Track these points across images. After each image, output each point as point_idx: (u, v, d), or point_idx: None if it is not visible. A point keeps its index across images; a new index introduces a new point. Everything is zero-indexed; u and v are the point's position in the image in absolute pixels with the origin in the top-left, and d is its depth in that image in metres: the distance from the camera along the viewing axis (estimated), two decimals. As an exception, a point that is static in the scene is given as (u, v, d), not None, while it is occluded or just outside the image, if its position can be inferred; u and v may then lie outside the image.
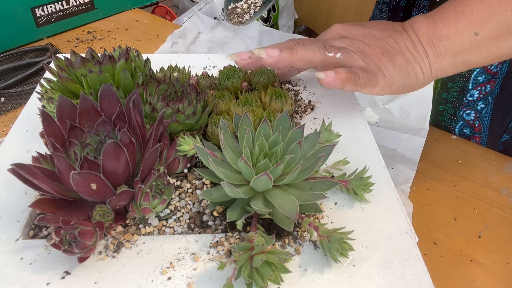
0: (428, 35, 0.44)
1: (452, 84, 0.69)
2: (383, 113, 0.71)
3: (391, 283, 0.34)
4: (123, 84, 0.45)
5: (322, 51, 0.43)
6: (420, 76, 0.45)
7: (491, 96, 0.66)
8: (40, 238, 0.37)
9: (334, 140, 0.45)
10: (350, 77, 0.41)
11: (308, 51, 0.43)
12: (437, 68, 0.45)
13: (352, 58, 0.44)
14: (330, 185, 0.38)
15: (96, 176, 0.33)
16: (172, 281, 0.33)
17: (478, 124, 0.68)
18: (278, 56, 0.42)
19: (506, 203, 0.56)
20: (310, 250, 0.36)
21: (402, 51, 0.45)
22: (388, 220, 0.39)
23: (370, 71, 0.43)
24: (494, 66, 0.64)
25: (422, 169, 0.61)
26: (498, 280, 0.47)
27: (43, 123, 0.36)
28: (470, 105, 0.68)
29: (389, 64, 0.44)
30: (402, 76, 0.44)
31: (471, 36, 0.43)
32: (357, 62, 0.44)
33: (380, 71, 0.44)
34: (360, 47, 0.45)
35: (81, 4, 0.95)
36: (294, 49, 0.43)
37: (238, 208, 0.37)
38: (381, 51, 0.44)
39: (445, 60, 0.44)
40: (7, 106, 0.71)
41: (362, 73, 0.42)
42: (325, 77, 0.41)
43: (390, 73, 0.44)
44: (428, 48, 0.44)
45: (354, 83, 0.41)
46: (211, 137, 0.45)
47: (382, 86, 0.44)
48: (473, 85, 0.66)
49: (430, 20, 0.45)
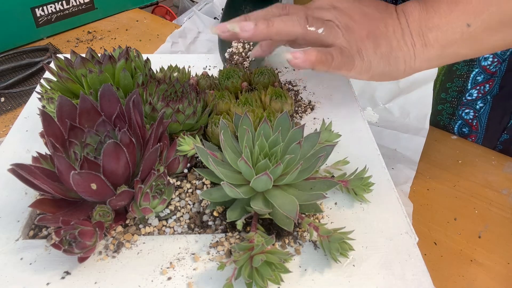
0: (418, 22, 0.42)
1: (450, 84, 0.69)
2: (383, 113, 0.71)
3: (391, 283, 0.34)
4: (123, 84, 0.45)
5: (303, 24, 0.40)
6: (401, 66, 0.43)
7: (490, 95, 0.66)
8: (40, 238, 0.37)
9: (334, 140, 0.45)
10: (321, 59, 0.39)
11: (286, 23, 0.40)
12: (423, 58, 0.43)
13: (335, 34, 0.41)
14: (330, 185, 0.38)
15: (96, 176, 0.33)
16: (172, 281, 0.33)
17: (475, 123, 0.68)
18: (253, 30, 0.39)
19: (506, 203, 0.56)
20: (310, 250, 0.36)
21: (389, 37, 0.42)
22: (388, 220, 0.39)
23: (347, 53, 0.41)
24: (493, 65, 0.64)
25: (422, 169, 0.61)
26: (498, 280, 0.47)
27: (43, 123, 0.36)
28: (469, 104, 0.68)
29: (372, 48, 0.42)
30: (382, 63, 0.42)
31: (463, 27, 0.41)
32: (338, 40, 0.41)
33: (359, 54, 0.41)
34: (347, 23, 0.42)
35: (81, 4, 0.95)
36: (271, 21, 0.40)
37: (238, 208, 0.37)
38: (367, 33, 0.42)
39: (432, 51, 0.42)
40: (7, 106, 0.71)
41: (337, 54, 0.40)
42: (292, 58, 0.38)
43: (370, 58, 0.42)
44: (417, 37, 0.42)
45: (326, 65, 0.39)
46: (211, 137, 0.45)
47: (358, 70, 0.42)
48: (472, 85, 0.66)
49: (422, 6, 0.43)
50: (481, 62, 0.64)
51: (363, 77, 0.43)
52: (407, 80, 0.71)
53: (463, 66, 0.66)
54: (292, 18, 0.40)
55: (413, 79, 0.71)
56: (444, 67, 0.69)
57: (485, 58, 0.64)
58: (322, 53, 0.39)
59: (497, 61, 0.63)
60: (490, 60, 0.64)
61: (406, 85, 0.71)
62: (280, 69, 0.61)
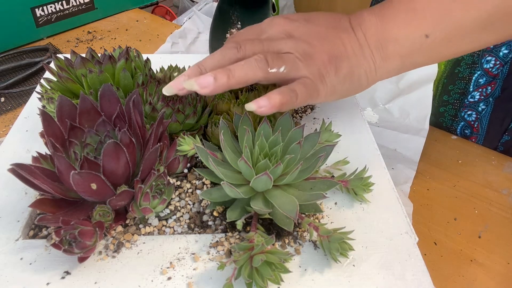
0: (376, 35, 0.41)
1: (452, 87, 0.69)
2: (383, 114, 0.71)
3: (391, 283, 0.34)
4: (123, 84, 0.45)
5: (264, 68, 0.38)
6: (363, 82, 0.42)
7: (492, 97, 0.66)
8: (40, 238, 0.37)
9: (334, 140, 0.45)
10: (286, 100, 0.37)
11: (247, 71, 0.38)
12: (383, 71, 0.43)
13: (297, 68, 0.40)
14: (330, 185, 0.38)
15: (96, 176, 0.33)
16: (172, 281, 0.33)
17: (477, 125, 0.68)
18: (213, 85, 0.37)
19: (506, 203, 0.56)
20: (310, 250, 0.36)
21: (348, 56, 0.41)
22: (388, 220, 0.39)
23: (310, 84, 0.39)
24: (495, 68, 0.64)
25: (422, 169, 0.61)
26: (498, 280, 0.47)
27: (43, 123, 0.36)
28: (472, 106, 0.68)
29: (333, 72, 0.41)
30: (346, 84, 0.42)
31: (422, 38, 0.40)
32: (300, 72, 0.40)
33: (322, 80, 0.40)
34: (306, 50, 0.40)
35: (81, 4, 0.95)
36: (231, 72, 0.38)
37: (238, 208, 0.37)
38: (328, 57, 0.40)
39: (393, 63, 0.42)
40: (7, 106, 0.71)
41: (301, 89, 0.39)
42: (257, 108, 0.37)
43: (333, 82, 0.41)
44: (376, 52, 0.41)
45: (291, 104, 0.38)
46: (211, 137, 0.45)
47: (323, 96, 0.41)
48: (474, 87, 0.66)
49: (379, 18, 0.41)
50: (483, 65, 0.64)
51: (329, 100, 0.42)
52: (407, 81, 0.72)
53: (465, 69, 0.66)
54: (251, 64, 0.38)
55: (413, 80, 0.71)
56: (446, 70, 0.69)
57: (487, 60, 0.64)
58: (285, 94, 0.38)
59: (499, 64, 0.63)
60: (492, 63, 0.64)
61: (406, 85, 0.71)
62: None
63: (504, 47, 0.62)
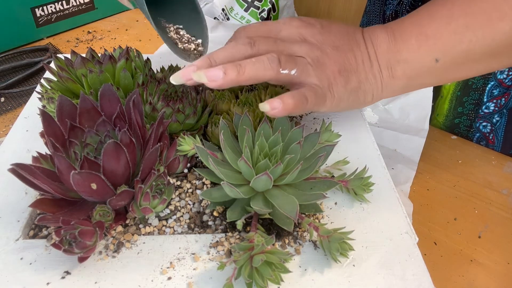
0: (387, 54, 0.41)
1: (467, 98, 0.68)
2: (382, 114, 0.71)
3: (391, 283, 0.34)
4: (123, 84, 0.45)
5: (276, 68, 0.38)
6: (368, 98, 0.43)
7: (506, 108, 0.65)
8: (40, 238, 0.37)
9: (334, 140, 0.45)
10: (298, 105, 0.37)
11: (258, 69, 0.37)
12: (389, 90, 0.43)
13: (307, 73, 0.40)
14: (330, 185, 0.38)
15: (96, 176, 0.33)
16: (172, 281, 0.33)
17: (492, 137, 0.68)
18: (222, 80, 0.36)
19: (506, 203, 0.56)
20: (310, 250, 0.36)
21: (359, 70, 0.42)
22: (388, 220, 0.39)
23: (320, 92, 0.39)
24: (508, 79, 0.63)
25: (422, 169, 0.61)
26: (498, 280, 0.47)
27: (43, 123, 0.36)
28: (487, 117, 0.67)
29: (342, 85, 0.41)
30: (351, 97, 0.42)
31: (431, 62, 0.41)
32: (310, 78, 0.40)
33: (330, 91, 0.40)
34: (318, 58, 0.40)
35: (81, 4, 0.95)
36: (241, 68, 0.37)
37: (238, 208, 0.37)
38: (339, 69, 0.41)
39: (399, 82, 0.42)
40: (7, 106, 0.71)
41: (311, 96, 0.38)
42: (270, 109, 0.36)
43: (340, 94, 0.41)
44: (384, 69, 0.42)
45: (302, 109, 0.38)
46: (211, 137, 0.45)
47: (329, 106, 0.41)
48: (488, 98, 0.66)
49: (391, 36, 0.42)
50: (497, 76, 0.64)
51: (332, 110, 0.43)
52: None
53: (478, 80, 0.66)
54: (264, 62, 0.38)
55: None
56: (460, 83, 0.69)
57: (501, 71, 0.63)
58: (298, 99, 0.37)
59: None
60: (505, 74, 0.63)
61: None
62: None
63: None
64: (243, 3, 0.92)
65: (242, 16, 0.92)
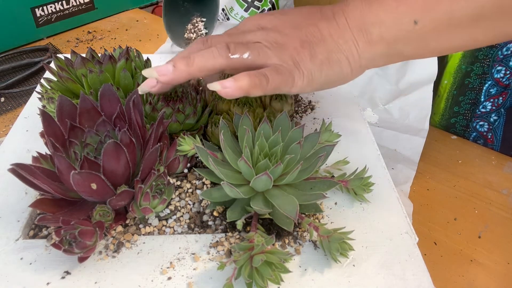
0: (361, 19, 0.39)
1: (463, 98, 0.68)
2: (382, 114, 0.71)
3: (391, 283, 0.34)
4: (123, 84, 0.45)
5: (225, 54, 0.37)
6: (345, 69, 0.40)
7: (504, 108, 0.65)
8: (40, 238, 0.37)
9: (334, 140, 0.45)
10: (254, 83, 0.35)
11: (207, 58, 0.37)
12: (367, 57, 0.40)
13: (265, 55, 0.38)
14: (330, 185, 0.38)
15: (96, 176, 0.33)
16: (172, 281, 0.33)
17: (491, 136, 0.68)
18: (172, 74, 0.36)
19: (506, 203, 0.56)
20: (310, 250, 0.36)
21: (325, 40, 0.39)
22: (388, 220, 0.39)
23: (283, 71, 0.37)
24: (505, 78, 0.63)
25: (422, 169, 0.61)
26: (498, 280, 0.47)
27: (43, 123, 0.36)
28: (483, 116, 0.67)
29: (309, 58, 0.38)
30: (324, 71, 0.39)
31: (410, 24, 0.38)
32: (270, 59, 0.38)
33: (298, 68, 0.38)
34: (276, 39, 0.39)
35: (81, 4, 0.95)
36: (190, 59, 0.37)
37: (238, 208, 0.37)
38: (301, 43, 0.38)
39: (377, 48, 0.39)
40: (7, 106, 0.71)
41: (272, 74, 0.37)
42: (221, 88, 0.35)
43: (309, 69, 0.38)
44: (358, 34, 0.39)
45: (261, 89, 0.36)
46: (211, 137, 0.45)
47: (300, 85, 0.38)
48: (485, 97, 0.66)
49: (366, 2, 0.39)
50: (494, 75, 0.64)
51: (308, 89, 0.40)
52: (407, 81, 0.71)
53: (475, 80, 0.66)
54: (213, 51, 0.37)
55: (413, 80, 0.71)
56: (455, 82, 0.69)
57: (498, 70, 0.63)
58: (254, 76, 0.36)
59: (509, 74, 0.63)
60: (502, 73, 0.63)
61: (406, 86, 0.71)
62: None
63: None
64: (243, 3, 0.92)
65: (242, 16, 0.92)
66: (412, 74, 0.71)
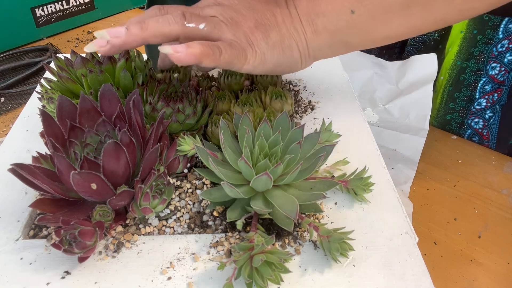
0: (307, 9, 0.41)
1: (458, 94, 0.68)
2: (383, 114, 0.71)
3: (391, 283, 0.34)
4: (123, 84, 0.45)
5: (180, 21, 0.37)
6: (296, 55, 0.41)
7: (499, 104, 0.65)
8: (40, 238, 0.37)
9: (334, 140, 0.45)
10: (207, 52, 0.36)
11: (162, 23, 0.37)
12: (314, 46, 0.42)
13: (220, 29, 0.39)
14: (330, 185, 0.38)
15: (96, 176, 0.33)
16: (172, 281, 0.33)
17: (486, 133, 0.68)
18: (125, 36, 0.36)
19: (506, 203, 0.56)
20: (310, 250, 0.36)
21: (279, 25, 0.41)
22: (388, 220, 0.39)
23: (237, 46, 0.38)
24: (500, 74, 0.63)
25: (422, 169, 0.61)
26: (498, 280, 0.47)
27: (43, 123, 0.36)
28: (478, 113, 0.67)
29: (262, 39, 0.40)
30: (276, 53, 0.40)
31: (347, 14, 0.40)
32: (225, 34, 0.39)
33: (251, 46, 0.39)
34: (232, 17, 0.40)
35: (81, 4, 0.95)
36: (144, 24, 0.36)
37: (238, 208, 0.37)
38: (255, 24, 0.40)
39: (322, 38, 0.41)
40: (7, 106, 0.71)
41: (225, 47, 0.37)
42: (173, 52, 0.35)
43: (263, 49, 0.40)
44: (306, 24, 0.41)
45: (214, 59, 0.36)
46: (211, 137, 0.45)
47: (252, 63, 0.39)
48: (480, 94, 0.66)
49: None
50: (488, 71, 0.64)
51: (259, 69, 0.41)
52: (406, 81, 0.72)
53: (470, 76, 0.66)
54: (168, 18, 0.37)
55: (413, 80, 0.71)
56: (451, 78, 0.69)
57: (493, 67, 0.64)
58: (207, 46, 0.36)
59: (504, 70, 0.63)
60: (497, 69, 0.64)
61: (406, 86, 0.72)
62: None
63: (509, 54, 0.62)
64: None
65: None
66: (412, 74, 0.71)
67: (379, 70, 0.74)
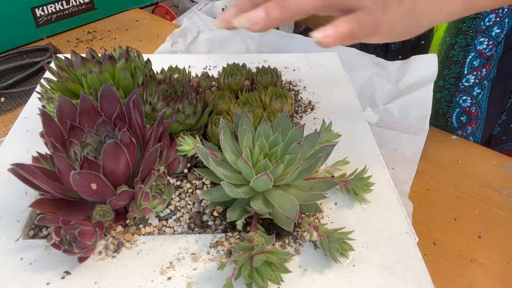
0: None
1: (448, 71, 0.69)
2: (383, 114, 0.71)
3: (391, 283, 0.34)
4: (123, 84, 0.45)
5: None
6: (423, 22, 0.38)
7: (487, 79, 0.65)
8: (40, 238, 0.37)
9: (334, 140, 0.45)
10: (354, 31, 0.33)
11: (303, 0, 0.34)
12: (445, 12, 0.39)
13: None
14: (330, 185, 0.38)
15: (96, 176, 0.33)
16: (172, 281, 0.33)
17: (475, 110, 0.68)
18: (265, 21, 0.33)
19: (506, 203, 0.56)
20: (310, 250, 0.36)
21: None
22: (388, 220, 0.39)
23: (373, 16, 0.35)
24: (488, 49, 0.64)
25: (422, 169, 0.61)
26: (498, 280, 0.47)
27: (43, 123, 0.36)
28: (466, 91, 0.68)
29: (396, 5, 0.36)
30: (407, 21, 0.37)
31: None
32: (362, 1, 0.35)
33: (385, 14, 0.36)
34: None
35: (81, 4, 0.95)
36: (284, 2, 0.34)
37: (238, 208, 0.37)
38: None
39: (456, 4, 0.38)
40: (7, 106, 0.71)
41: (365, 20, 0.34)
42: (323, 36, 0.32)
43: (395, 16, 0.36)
44: None
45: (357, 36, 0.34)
46: (211, 137, 0.45)
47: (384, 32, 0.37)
48: (469, 70, 0.66)
49: None
50: (477, 46, 0.65)
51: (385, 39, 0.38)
52: (406, 82, 0.71)
53: (459, 52, 0.67)
54: None
55: (413, 80, 0.71)
56: (440, 55, 0.69)
57: (480, 42, 0.64)
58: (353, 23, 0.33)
59: (492, 44, 0.63)
60: (485, 44, 0.64)
61: (406, 86, 0.71)
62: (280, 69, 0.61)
63: (496, 27, 0.63)
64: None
65: (242, 16, 0.92)
66: (412, 74, 0.71)
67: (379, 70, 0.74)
